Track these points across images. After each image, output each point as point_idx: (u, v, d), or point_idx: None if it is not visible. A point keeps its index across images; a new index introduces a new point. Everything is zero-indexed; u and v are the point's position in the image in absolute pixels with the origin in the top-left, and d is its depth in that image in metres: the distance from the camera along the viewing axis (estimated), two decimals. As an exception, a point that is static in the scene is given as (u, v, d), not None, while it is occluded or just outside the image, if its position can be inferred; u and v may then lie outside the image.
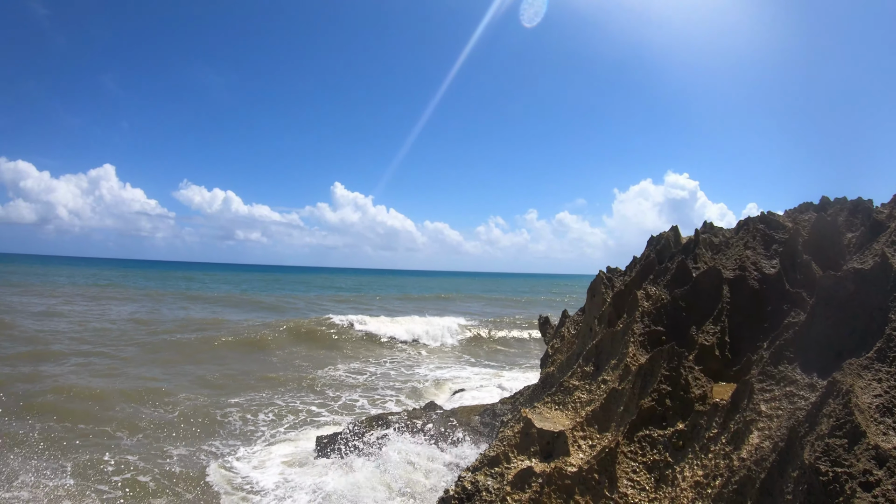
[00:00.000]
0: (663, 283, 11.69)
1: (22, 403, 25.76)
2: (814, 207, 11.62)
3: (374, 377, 37.86)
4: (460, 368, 41.87)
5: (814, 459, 4.21)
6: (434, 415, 23.47)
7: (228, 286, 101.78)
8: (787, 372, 6.28)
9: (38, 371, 31.89)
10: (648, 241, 14.84)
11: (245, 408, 27.98)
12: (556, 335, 19.78)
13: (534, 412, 10.34)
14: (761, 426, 5.78)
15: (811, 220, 10.36)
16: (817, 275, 8.47)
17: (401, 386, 36.28)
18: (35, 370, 32.03)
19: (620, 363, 10.32)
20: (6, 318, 49.59)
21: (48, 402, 26.41)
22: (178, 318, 57.35)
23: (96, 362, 36.67)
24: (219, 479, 18.75)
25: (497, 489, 8.76)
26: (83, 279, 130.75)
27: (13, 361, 34.60)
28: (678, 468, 6.74)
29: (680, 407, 7.74)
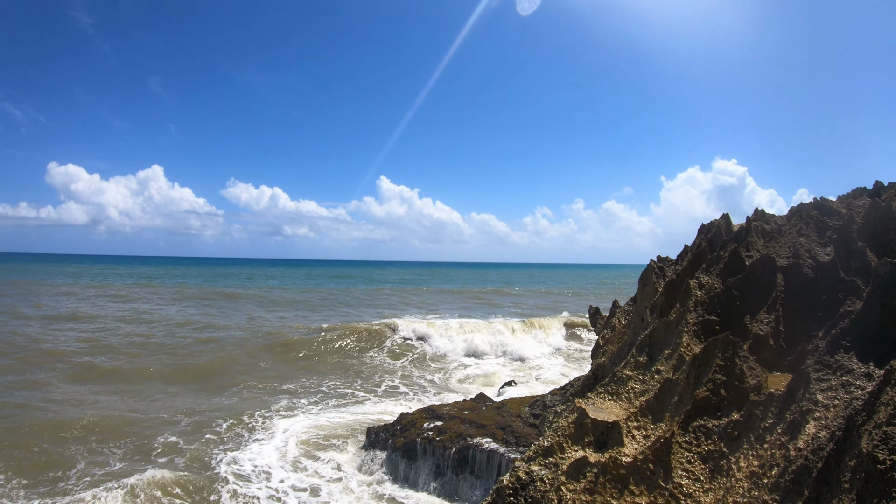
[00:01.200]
0: (716, 271, 11.57)
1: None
2: (867, 193, 11.30)
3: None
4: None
5: (872, 448, 4.25)
6: (484, 406, 23.73)
7: (307, 293, 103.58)
8: (843, 361, 6.25)
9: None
10: (699, 230, 14.67)
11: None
12: (606, 325, 19.73)
13: (587, 402, 10.43)
14: (818, 416, 5.78)
15: (865, 205, 10.10)
16: (872, 262, 8.31)
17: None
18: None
19: (674, 353, 10.31)
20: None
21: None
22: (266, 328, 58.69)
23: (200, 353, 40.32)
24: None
25: (551, 479, 8.90)
26: (167, 279, 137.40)
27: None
28: (733, 458, 6.77)
29: (735, 397, 7.74)
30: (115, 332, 48.79)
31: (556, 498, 8.43)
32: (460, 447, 19.38)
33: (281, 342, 44.72)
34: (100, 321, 55.14)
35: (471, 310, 76.86)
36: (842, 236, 9.67)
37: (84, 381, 33.44)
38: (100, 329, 50.39)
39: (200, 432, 25.48)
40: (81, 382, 33.06)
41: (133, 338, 46.33)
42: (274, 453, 23.37)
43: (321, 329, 49.21)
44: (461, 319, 60.29)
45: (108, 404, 28.99)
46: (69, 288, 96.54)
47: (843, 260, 9.27)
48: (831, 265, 9.40)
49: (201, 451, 23.09)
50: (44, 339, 43.75)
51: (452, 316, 66.67)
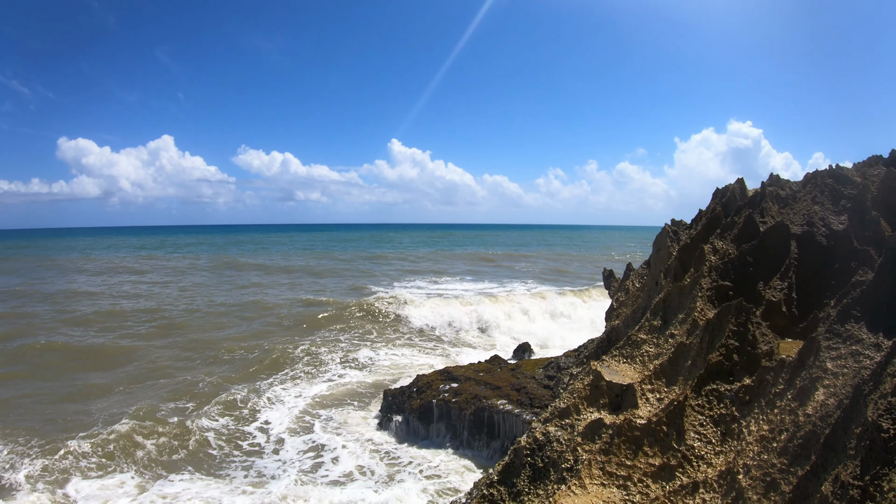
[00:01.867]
0: (730, 237, 11.71)
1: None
2: (883, 161, 11.28)
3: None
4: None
5: (877, 417, 4.49)
6: (499, 368, 24.16)
7: (330, 260, 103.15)
8: (853, 331, 6.45)
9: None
10: (714, 194, 14.73)
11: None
12: (620, 288, 19.97)
13: (602, 365, 10.73)
14: (827, 383, 6.01)
15: (881, 175, 10.13)
16: (886, 232, 8.43)
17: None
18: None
19: (688, 318, 10.53)
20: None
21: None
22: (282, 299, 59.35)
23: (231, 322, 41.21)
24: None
25: (568, 440, 9.26)
26: (201, 249, 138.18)
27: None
28: (744, 422, 7.05)
29: (747, 362, 7.98)
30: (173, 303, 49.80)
31: (572, 458, 8.79)
32: (476, 409, 19.85)
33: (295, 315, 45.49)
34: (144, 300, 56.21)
35: (495, 276, 76.52)
36: (856, 205, 9.75)
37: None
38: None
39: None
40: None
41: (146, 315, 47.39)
42: (287, 417, 24.23)
43: (333, 302, 49.46)
44: (477, 288, 60.84)
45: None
46: (73, 263, 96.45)
47: (857, 229, 9.38)
48: (845, 234, 9.52)
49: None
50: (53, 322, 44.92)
51: (465, 280, 67.24)
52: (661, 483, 7.25)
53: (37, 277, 70.38)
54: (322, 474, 18.67)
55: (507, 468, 9.63)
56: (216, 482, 18.24)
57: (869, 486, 4.14)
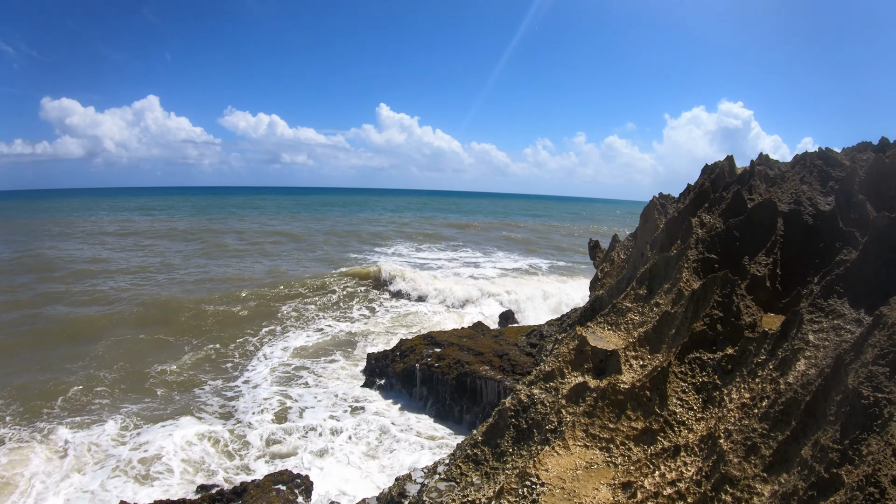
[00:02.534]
0: (717, 211, 11.84)
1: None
2: (872, 148, 11.42)
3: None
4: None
5: (857, 384, 4.66)
6: (482, 334, 24.41)
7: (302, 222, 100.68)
8: (836, 306, 6.64)
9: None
10: (703, 170, 14.85)
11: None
12: (605, 259, 20.17)
13: (587, 331, 10.91)
14: (808, 354, 6.21)
15: (869, 160, 10.28)
16: (871, 216, 8.60)
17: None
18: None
19: (674, 287, 10.71)
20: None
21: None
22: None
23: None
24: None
25: (552, 402, 9.46)
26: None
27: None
28: (726, 390, 7.26)
29: (730, 332, 8.18)
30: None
31: (556, 420, 9.01)
32: (458, 374, 20.09)
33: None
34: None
35: (479, 245, 76.16)
36: (844, 187, 9.90)
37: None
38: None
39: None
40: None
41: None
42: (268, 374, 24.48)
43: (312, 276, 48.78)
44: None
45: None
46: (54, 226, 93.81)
47: (843, 211, 9.55)
48: (831, 215, 9.68)
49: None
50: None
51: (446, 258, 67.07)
52: (643, 446, 7.48)
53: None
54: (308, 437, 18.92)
55: (492, 429, 9.84)
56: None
57: (848, 449, 4.33)
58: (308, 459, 17.13)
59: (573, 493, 6.97)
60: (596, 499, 6.77)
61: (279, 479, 14.73)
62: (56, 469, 16.62)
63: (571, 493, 6.99)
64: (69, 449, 17.57)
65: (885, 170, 9.54)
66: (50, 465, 16.80)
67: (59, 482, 15.98)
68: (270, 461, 17.19)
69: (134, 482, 16.04)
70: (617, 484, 6.89)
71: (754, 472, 5.32)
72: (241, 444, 18.15)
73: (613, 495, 6.72)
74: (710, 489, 5.58)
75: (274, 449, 17.88)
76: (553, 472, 7.44)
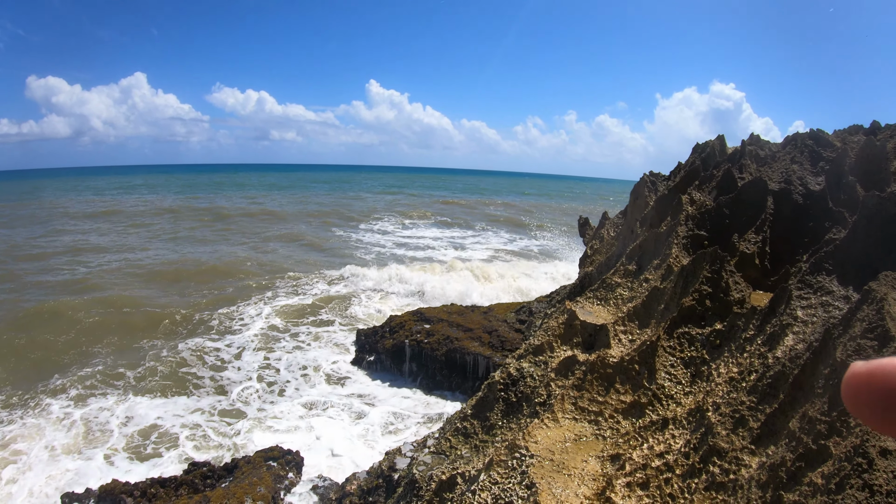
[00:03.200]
0: (708, 189, 11.87)
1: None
2: (863, 131, 11.45)
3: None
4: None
5: (845, 357, 4.72)
6: (471, 310, 24.49)
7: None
8: (824, 283, 6.69)
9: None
10: (694, 148, 14.85)
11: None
12: (595, 236, 20.21)
13: (577, 306, 10.97)
14: (796, 330, 6.26)
15: (860, 142, 10.30)
16: (861, 196, 8.65)
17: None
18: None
19: (663, 263, 10.76)
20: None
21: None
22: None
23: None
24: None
25: (541, 376, 9.53)
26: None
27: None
28: (714, 365, 7.32)
29: (719, 308, 8.23)
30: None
31: (545, 393, 9.08)
32: (448, 350, 20.19)
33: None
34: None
35: (468, 225, 75.75)
36: (834, 168, 9.94)
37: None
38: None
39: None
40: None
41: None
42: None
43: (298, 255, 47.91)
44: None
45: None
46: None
47: (833, 191, 9.59)
48: (821, 194, 9.72)
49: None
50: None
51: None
52: (631, 419, 7.55)
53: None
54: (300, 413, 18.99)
55: (481, 402, 9.90)
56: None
57: (836, 421, 4.38)
58: (298, 435, 17.22)
59: (562, 465, 7.04)
60: (585, 470, 6.84)
61: (270, 455, 14.81)
62: (48, 445, 16.62)
63: (560, 464, 7.06)
64: (61, 425, 17.58)
65: (875, 152, 9.57)
66: (40, 441, 16.79)
67: (51, 459, 15.99)
68: (262, 435, 17.26)
69: (127, 460, 16.09)
70: (605, 456, 6.96)
71: (742, 445, 5.39)
72: (233, 418, 18.21)
73: (602, 467, 6.80)
74: (698, 461, 5.66)
75: (266, 423, 17.94)
76: (542, 445, 7.50)
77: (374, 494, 11.37)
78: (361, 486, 11.92)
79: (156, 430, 17.38)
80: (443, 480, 7.99)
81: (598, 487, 6.43)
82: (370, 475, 11.95)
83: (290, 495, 14.06)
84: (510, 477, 7.06)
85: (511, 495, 6.75)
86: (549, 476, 6.83)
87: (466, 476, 7.79)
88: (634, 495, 6.00)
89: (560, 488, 6.58)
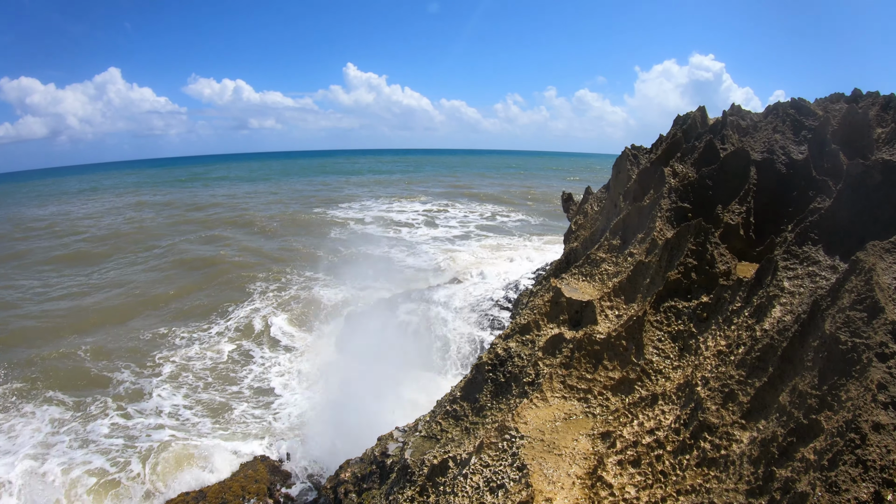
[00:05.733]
0: (690, 161, 11.79)
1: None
2: (845, 99, 11.39)
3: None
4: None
5: (834, 329, 4.67)
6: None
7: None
8: (810, 253, 6.66)
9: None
10: (675, 120, 14.74)
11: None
12: (579, 212, 20.13)
13: (562, 283, 10.90)
14: (784, 301, 6.23)
15: (842, 110, 10.25)
16: (844, 164, 8.60)
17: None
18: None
19: (647, 237, 10.71)
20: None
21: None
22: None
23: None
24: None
25: (529, 355, 9.49)
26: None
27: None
28: (702, 338, 7.30)
29: (705, 281, 8.20)
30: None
31: (533, 372, 9.04)
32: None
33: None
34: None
35: (454, 205, 75.55)
36: (817, 137, 9.88)
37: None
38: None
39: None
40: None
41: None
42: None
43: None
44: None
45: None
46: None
47: (816, 159, 9.54)
48: (804, 163, 9.67)
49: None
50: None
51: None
52: (620, 396, 7.54)
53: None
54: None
55: (470, 384, 9.86)
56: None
57: (827, 395, 4.35)
58: (291, 420, 17.17)
59: (553, 445, 7.01)
60: (576, 449, 6.82)
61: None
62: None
63: (551, 444, 7.03)
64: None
65: (857, 119, 9.53)
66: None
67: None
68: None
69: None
70: (596, 434, 6.95)
71: (732, 419, 5.37)
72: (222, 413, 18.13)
73: (593, 445, 6.78)
74: (688, 437, 5.64)
75: (254, 413, 17.86)
76: (532, 425, 7.48)
77: (368, 481, 11.35)
78: (355, 472, 11.90)
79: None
80: (435, 465, 7.96)
81: (589, 466, 6.42)
82: (363, 461, 11.93)
83: (285, 485, 14.05)
84: (501, 459, 7.04)
85: (503, 477, 6.73)
86: (540, 457, 6.81)
87: (458, 459, 7.75)
88: (626, 473, 5.99)
89: (552, 469, 6.56)
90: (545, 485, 6.28)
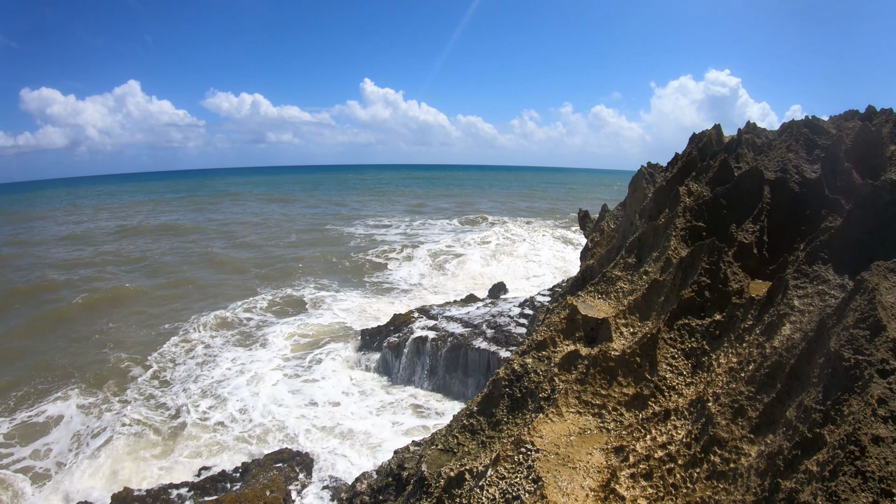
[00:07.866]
0: (705, 180, 11.95)
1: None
2: (859, 116, 11.50)
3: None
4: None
5: (838, 347, 4.83)
6: (475, 306, 24.59)
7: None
8: (820, 272, 6.81)
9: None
10: (690, 139, 14.91)
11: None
12: (595, 229, 20.30)
13: (578, 300, 11.09)
14: (794, 319, 6.38)
15: (855, 128, 10.37)
16: (857, 183, 8.74)
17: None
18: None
19: (662, 255, 10.87)
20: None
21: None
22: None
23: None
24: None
25: (545, 371, 9.66)
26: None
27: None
28: (714, 355, 7.45)
29: (718, 299, 8.35)
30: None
31: (549, 388, 9.21)
32: (452, 346, 20.31)
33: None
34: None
35: (471, 221, 76.00)
36: (829, 155, 10.02)
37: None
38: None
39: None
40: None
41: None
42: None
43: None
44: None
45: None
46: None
47: (829, 178, 9.68)
48: (817, 182, 9.81)
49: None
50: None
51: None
52: (634, 411, 7.68)
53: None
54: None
55: (486, 399, 10.03)
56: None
57: (830, 410, 4.50)
58: (308, 435, 17.37)
59: (567, 458, 7.17)
60: (590, 463, 6.97)
61: (279, 458, 14.97)
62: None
63: (566, 458, 7.19)
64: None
65: (870, 138, 9.65)
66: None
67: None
68: (271, 435, 17.42)
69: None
70: (610, 448, 7.10)
71: (741, 434, 5.52)
72: (241, 421, 18.38)
73: (607, 459, 6.93)
74: (699, 451, 5.79)
75: (272, 426, 18.10)
76: (547, 439, 7.64)
77: (384, 493, 11.52)
78: (371, 484, 12.07)
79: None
80: (451, 477, 8.14)
81: (603, 479, 6.57)
82: (380, 474, 12.10)
83: (301, 497, 14.22)
84: (517, 472, 7.20)
85: (518, 489, 6.89)
86: (554, 469, 6.97)
87: (474, 472, 7.93)
88: (638, 486, 6.14)
89: (566, 481, 6.71)
90: (560, 497, 6.44)
